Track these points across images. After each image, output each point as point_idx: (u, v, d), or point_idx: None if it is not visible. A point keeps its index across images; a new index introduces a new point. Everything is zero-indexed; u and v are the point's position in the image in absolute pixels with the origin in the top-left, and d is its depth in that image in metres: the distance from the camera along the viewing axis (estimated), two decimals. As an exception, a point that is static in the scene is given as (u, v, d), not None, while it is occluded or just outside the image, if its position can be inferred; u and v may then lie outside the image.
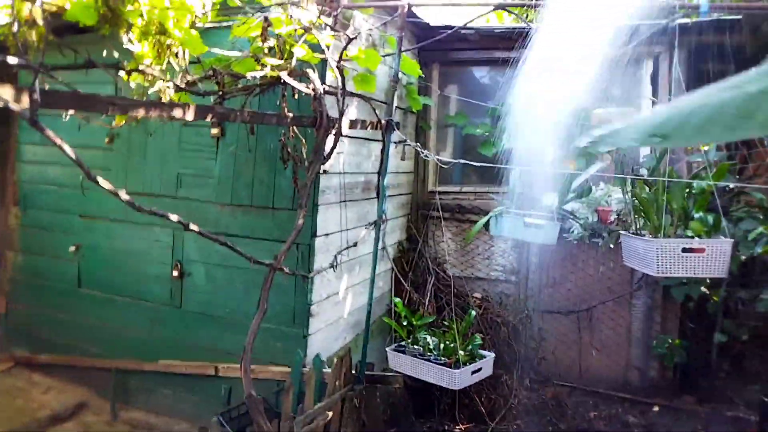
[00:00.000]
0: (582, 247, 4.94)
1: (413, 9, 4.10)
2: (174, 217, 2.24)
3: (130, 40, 2.70)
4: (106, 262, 4.62)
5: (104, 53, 2.73)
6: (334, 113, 3.25)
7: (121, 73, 2.72)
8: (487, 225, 3.78)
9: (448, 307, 4.75)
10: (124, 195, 2.01)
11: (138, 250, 4.46)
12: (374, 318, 4.72)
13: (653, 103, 4.84)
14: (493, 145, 5.11)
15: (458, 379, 3.49)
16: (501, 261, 5.34)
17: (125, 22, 2.68)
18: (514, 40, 5.31)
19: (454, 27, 4.75)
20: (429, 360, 3.56)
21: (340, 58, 2.93)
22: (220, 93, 2.95)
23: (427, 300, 4.69)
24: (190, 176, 4.25)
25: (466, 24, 3.99)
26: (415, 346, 3.71)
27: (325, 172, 3.60)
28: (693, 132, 0.96)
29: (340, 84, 3.02)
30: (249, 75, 3.05)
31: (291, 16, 2.75)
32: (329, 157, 3.12)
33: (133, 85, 2.75)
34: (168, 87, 2.67)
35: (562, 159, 3.59)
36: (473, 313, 4.04)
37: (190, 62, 3.04)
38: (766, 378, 4.71)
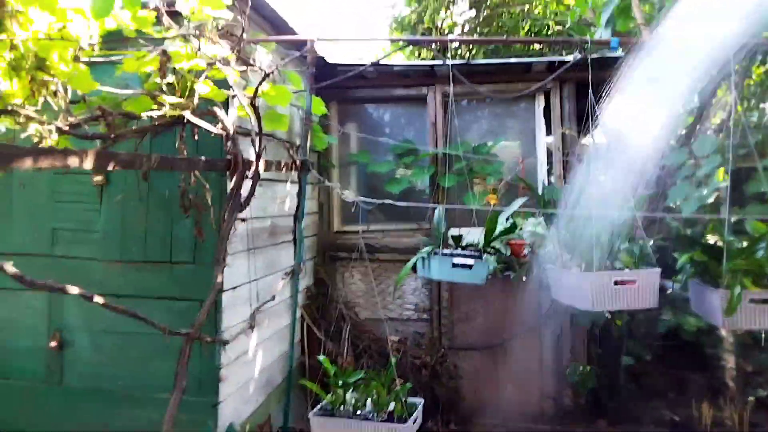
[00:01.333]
0: (492, 281, 4.93)
1: (315, 49, 3.94)
2: (74, 290, 1.83)
3: (-6, 77, 2.27)
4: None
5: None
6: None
7: (-17, 115, 2.27)
8: (414, 266, 3.62)
9: (366, 354, 4.51)
10: (9, 268, 1.59)
11: (3, 319, 3.78)
12: (284, 374, 4.36)
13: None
14: (399, 183, 5.02)
15: (406, 434, 3.25)
16: (412, 299, 5.20)
17: (-12, 56, 2.25)
18: (412, 77, 5.35)
19: (354, 65, 4.65)
20: (367, 419, 3.28)
21: (255, 94, 2.66)
22: (112, 136, 2.56)
23: (345, 349, 4.41)
24: (69, 231, 3.70)
25: (379, 61, 3.87)
26: (342, 407, 3.41)
27: (243, 220, 3.26)
28: None
29: (255, 123, 2.74)
30: (145, 115, 2.69)
31: (198, 50, 2.44)
32: (248, 204, 2.81)
33: (2, 128, 2.29)
34: (50, 131, 2.25)
35: (484, 195, 3.59)
36: (393, 360, 3.84)
37: (70, 101, 2.63)
38: (669, 395, 4.95)
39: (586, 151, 5.03)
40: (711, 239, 2.93)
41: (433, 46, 7.17)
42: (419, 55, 9.01)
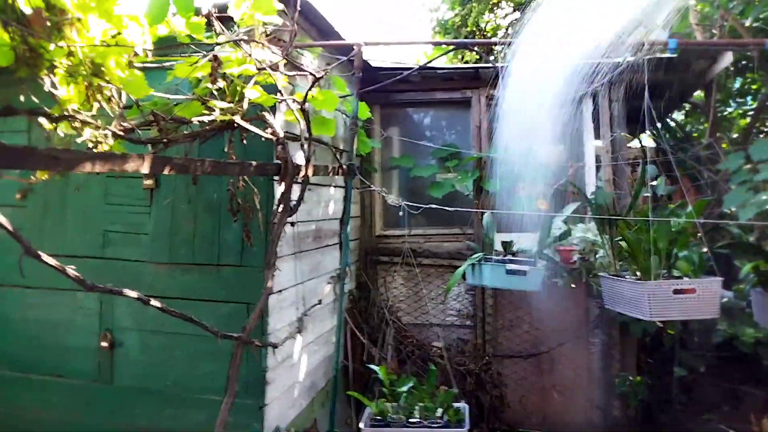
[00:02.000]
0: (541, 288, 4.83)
1: (360, 50, 3.92)
2: (131, 294, 1.85)
3: (52, 83, 2.32)
4: (17, 336, 3.99)
5: (21, 98, 2.32)
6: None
7: (43, 121, 2.32)
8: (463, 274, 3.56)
9: (410, 359, 4.46)
10: (71, 271, 1.62)
11: (58, 319, 3.88)
12: (329, 378, 4.36)
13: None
14: (442, 187, 4.96)
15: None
16: (455, 305, 5.13)
17: (47, 62, 2.30)
18: (456, 80, 5.30)
19: (399, 69, 4.63)
20: (423, 426, 3.22)
21: (305, 99, 2.65)
22: (164, 140, 2.59)
23: (389, 354, 4.38)
24: (119, 234, 3.78)
25: (426, 64, 3.83)
26: (396, 415, 3.36)
27: (292, 224, 3.26)
28: None
29: (305, 127, 2.73)
30: (195, 120, 2.72)
31: (249, 55, 2.45)
32: (297, 208, 2.80)
33: (61, 133, 2.34)
34: (106, 135, 2.28)
35: (535, 200, 3.51)
36: (432, 367, 3.78)
37: (124, 107, 2.68)
38: (724, 408, 4.74)
39: (636, 154, 4.88)
40: (776, 247, 2.79)
41: (477, 49, 7.11)
42: (462, 58, 8.93)
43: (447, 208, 3.27)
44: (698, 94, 6.41)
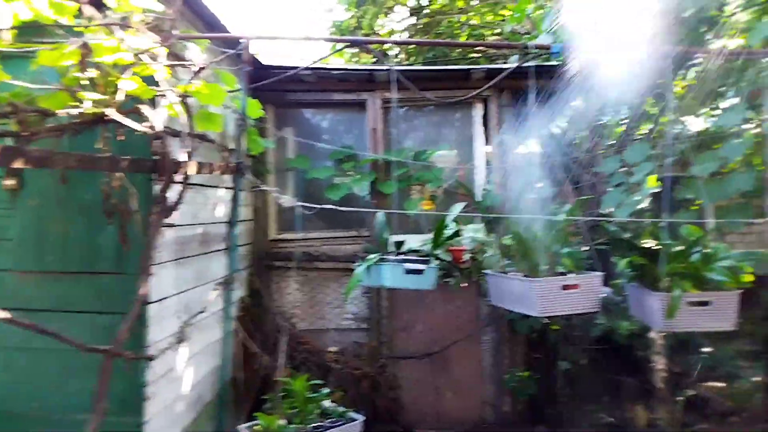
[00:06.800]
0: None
1: (247, 44, 3.78)
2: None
3: None
4: None
5: None
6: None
7: None
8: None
9: (305, 366, 4.35)
10: None
11: None
12: (217, 390, 4.15)
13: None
14: (339, 189, 4.91)
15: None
16: (352, 308, 5.09)
17: None
18: (351, 82, 5.26)
19: (291, 67, 4.53)
20: None
21: (186, 91, 2.49)
22: (25, 134, 2.33)
23: (282, 362, 4.23)
24: (-24, 239, 3.38)
25: (316, 62, 3.75)
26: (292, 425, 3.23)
27: (171, 226, 3.05)
28: None
29: (186, 121, 2.56)
30: (62, 112, 2.48)
31: (122, 41, 2.26)
32: (176, 208, 2.62)
33: None
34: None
35: (419, 201, 3.53)
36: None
37: (-24, 96, 2.39)
38: (604, 399, 5.04)
39: (523, 158, 5.10)
40: (647, 243, 2.98)
41: (373, 52, 7.13)
42: (358, 62, 8.95)
43: (341, 209, 3.20)
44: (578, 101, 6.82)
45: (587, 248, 3.26)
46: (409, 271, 3.21)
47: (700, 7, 5.42)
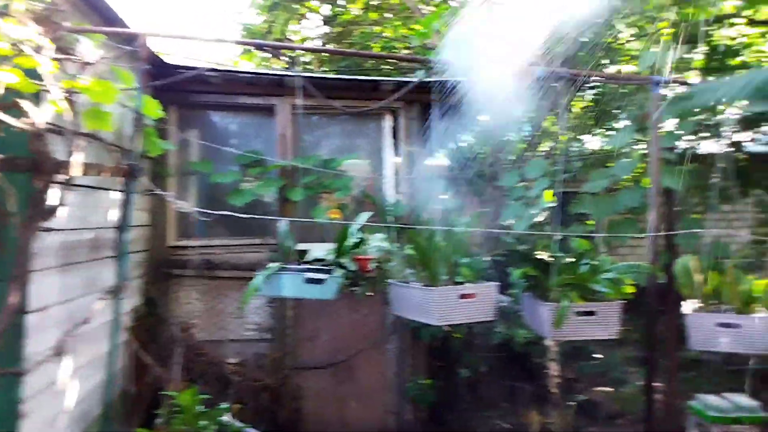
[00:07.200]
0: (338, 297, 4.87)
1: (148, 44, 3.61)
2: None
3: None
4: None
5: None
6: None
7: None
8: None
9: (202, 379, 4.17)
10: None
11: None
12: (104, 405, 3.89)
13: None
14: (243, 195, 4.77)
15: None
16: (255, 318, 4.95)
17: None
18: (260, 86, 5.15)
19: (195, 67, 4.37)
20: None
21: (72, 87, 2.32)
22: None
23: (178, 375, 4.04)
24: None
25: (222, 65, 3.63)
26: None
27: (49, 230, 2.82)
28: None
29: (71, 118, 2.39)
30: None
31: (-2, 28, 2.08)
32: (55, 211, 2.43)
33: None
34: None
35: (327, 209, 3.50)
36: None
37: None
38: (502, 405, 5.21)
39: (430, 170, 5.20)
40: (541, 255, 3.12)
41: (284, 58, 7.06)
42: (269, 67, 8.81)
43: (241, 215, 3.11)
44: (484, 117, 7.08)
45: (487, 259, 3.36)
46: (309, 281, 3.17)
47: (595, 33, 5.77)
